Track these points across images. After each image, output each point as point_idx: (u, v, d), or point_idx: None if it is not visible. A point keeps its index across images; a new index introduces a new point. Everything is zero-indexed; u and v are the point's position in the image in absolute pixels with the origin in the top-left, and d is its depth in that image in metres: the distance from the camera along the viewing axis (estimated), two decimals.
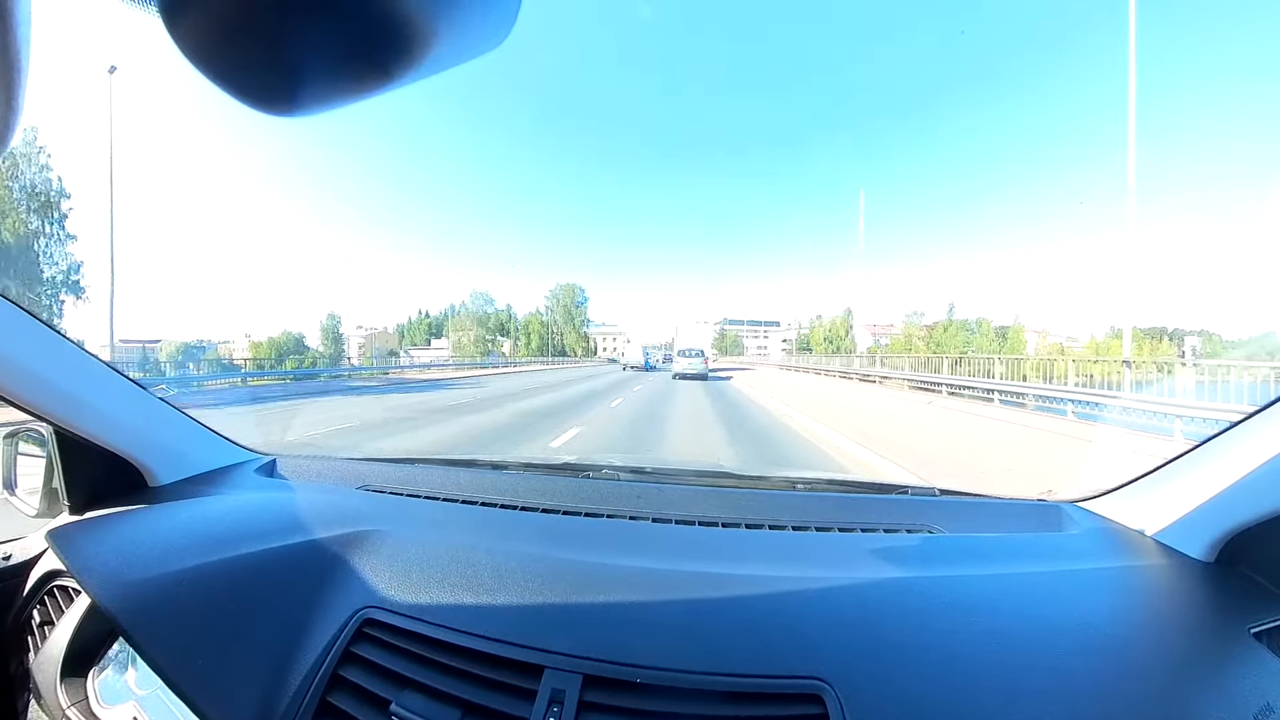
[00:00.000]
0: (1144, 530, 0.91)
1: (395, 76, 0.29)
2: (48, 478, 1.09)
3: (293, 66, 0.28)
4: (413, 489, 1.25)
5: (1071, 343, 51.31)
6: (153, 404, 1.19)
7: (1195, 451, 0.87)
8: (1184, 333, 41.81)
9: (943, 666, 0.61)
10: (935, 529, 1.02)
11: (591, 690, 0.61)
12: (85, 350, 1.03)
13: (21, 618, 1.00)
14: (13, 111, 0.29)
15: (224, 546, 0.85)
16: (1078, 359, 12.62)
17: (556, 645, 0.65)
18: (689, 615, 0.70)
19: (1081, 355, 29.02)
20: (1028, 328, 51.56)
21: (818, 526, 1.03)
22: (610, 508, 1.12)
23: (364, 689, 0.67)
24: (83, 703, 0.81)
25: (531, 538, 0.94)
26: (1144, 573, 0.81)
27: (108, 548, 0.86)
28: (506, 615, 0.71)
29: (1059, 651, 0.63)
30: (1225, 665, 0.64)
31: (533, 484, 1.29)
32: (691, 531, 1.02)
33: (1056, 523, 1.03)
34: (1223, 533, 0.79)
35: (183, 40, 0.26)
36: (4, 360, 0.88)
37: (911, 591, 0.74)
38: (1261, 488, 0.73)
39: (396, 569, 0.81)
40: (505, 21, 0.31)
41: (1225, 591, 0.76)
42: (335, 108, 0.30)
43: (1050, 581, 0.78)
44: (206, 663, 0.69)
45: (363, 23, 0.26)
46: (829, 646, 0.64)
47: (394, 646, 0.70)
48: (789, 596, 0.73)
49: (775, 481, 1.34)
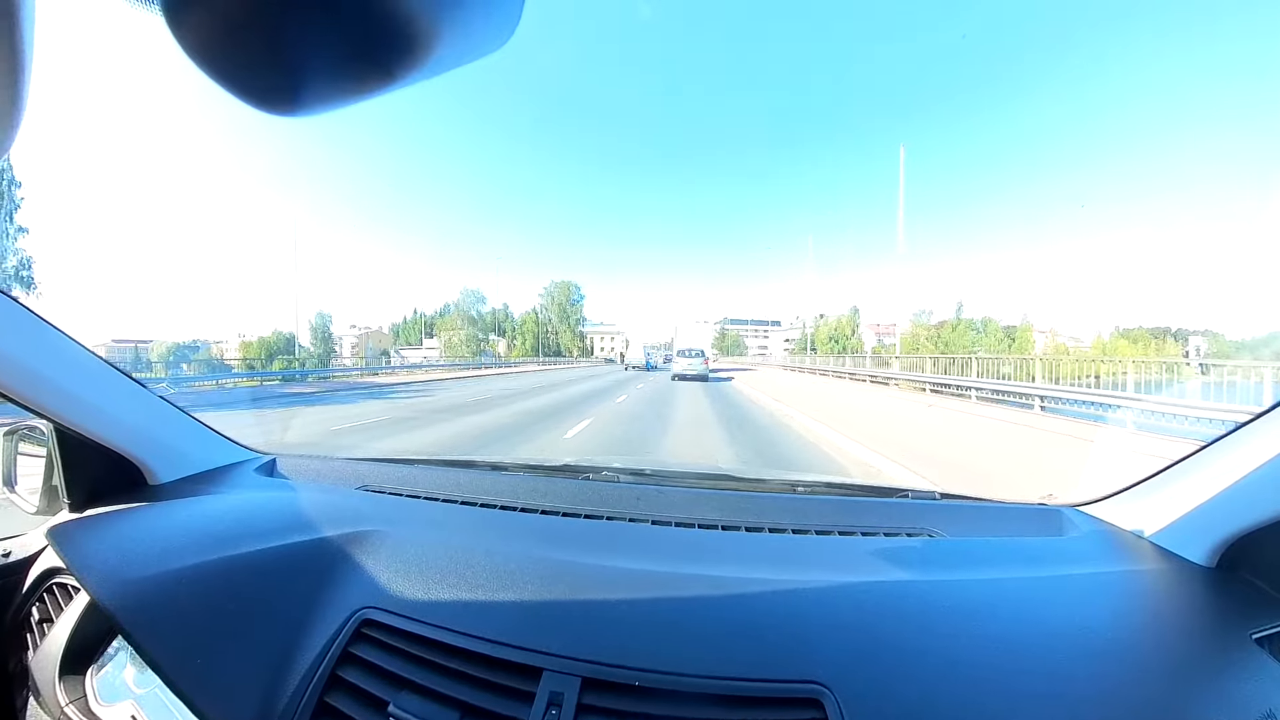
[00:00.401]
0: (1145, 534, 0.91)
1: (398, 77, 0.29)
2: (47, 475, 1.09)
3: (295, 66, 0.28)
4: (412, 489, 1.25)
5: (1075, 343, 51.01)
6: (153, 402, 1.19)
7: (1196, 455, 0.87)
8: (1188, 332, 41.46)
9: (943, 671, 0.61)
10: (935, 533, 1.02)
11: (590, 693, 0.61)
12: (86, 348, 1.03)
13: (20, 615, 1.00)
14: (16, 110, 0.29)
15: (223, 545, 0.85)
16: (1130, 360, 11.24)
17: (555, 647, 0.65)
18: (688, 618, 0.70)
19: (1128, 356, 26.88)
20: (1035, 328, 51.11)
21: (818, 529, 1.03)
22: (610, 509, 1.12)
23: (362, 689, 0.67)
24: (81, 700, 0.81)
25: (531, 539, 0.94)
26: (1145, 577, 0.81)
27: (107, 546, 0.86)
28: (505, 616, 0.71)
29: (1059, 656, 0.63)
30: (1227, 671, 0.63)
31: (532, 485, 1.29)
32: (691, 534, 1.01)
33: (1057, 527, 1.03)
34: (1224, 537, 0.78)
35: (185, 39, 0.26)
36: (4, 357, 0.88)
37: (911, 595, 0.74)
38: (1263, 492, 0.72)
39: (396, 569, 0.81)
40: (508, 23, 0.31)
41: (1227, 596, 0.76)
42: (337, 108, 0.30)
43: (1051, 586, 0.78)
44: (205, 662, 0.68)
45: (366, 24, 0.26)
46: (829, 650, 0.64)
47: (392, 647, 0.70)
48: (789, 600, 0.72)
49: (775, 484, 1.34)
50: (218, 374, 22.35)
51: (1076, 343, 51.37)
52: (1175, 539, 0.86)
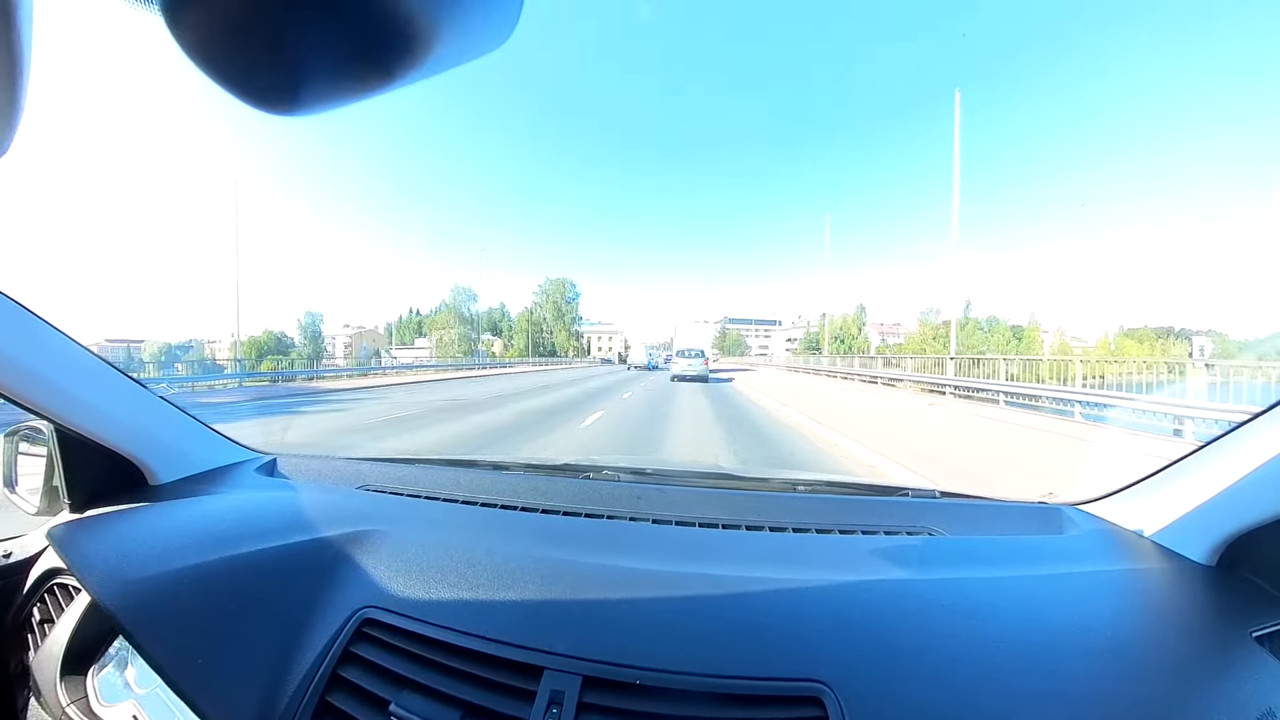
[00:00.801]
0: (1145, 533, 0.91)
1: (397, 77, 0.29)
2: (48, 475, 1.09)
3: (295, 66, 0.27)
4: (413, 489, 1.25)
5: (1079, 343, 50.66)
6: (153, 402, 1.19)
7: (1196, 454, 0.87)
8: (1191, 332, 41.02)
9: (943, 669, 0.61)
10: (936, 531, 1.02)
11: (591, 691, 0.61)
12: (85, 348, 1.03)
13: (21, 615, 1.00)
14: (15, 111, 0.29)
15: (224, 545, 0.85)
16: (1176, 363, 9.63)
17: (556, 646, 0.65)
18: (689, 617, 0.70)
19: (1137, 356, 22.65)
20: (1040, 327, 50.58)
21: (818, 528, 1.03)
22: (610, 509, 1.12)
23: (363, 689, 0.67)
24: (82, 701, 0.81)
25: (531, 538, 0.94)
26: (1145, 576, 0.81)
27: (108, 546, 0.86)
28: (506, 616, 0.71)
29: (1059, 655, 0.63)
30: (1227, 669, 0.63)
31: (533, 485, 1.29)
32: (692, 533, 1.02)
33: (1057, 525, 1.03)
34: (1224, 536, 0.78)
35: (184, 39, 0.26)
36: (4, 358, 0.88)
37: (912, 594, 0.74)
38: (1263, 491, 0.72)
39: (396, 569, 0.81)
40: (507, 22, 0.31)
41: (1227, 595, 0.76)
42: (337, 107, 0.30)
43: (1051, 584, 0.78)
44: (206, 662, 0.69)
45: (366, 23, 0.26)
46: (829, 649, 0.64)
47: (393, 646, 0.70)
48: (789, 599, 0.73)
49: (776, 483, 1.34)
50: (196, 376, 21.04)
51: (1080, 343, 51.00)
52: (1176, 537, 0.86)
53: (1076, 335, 51.05)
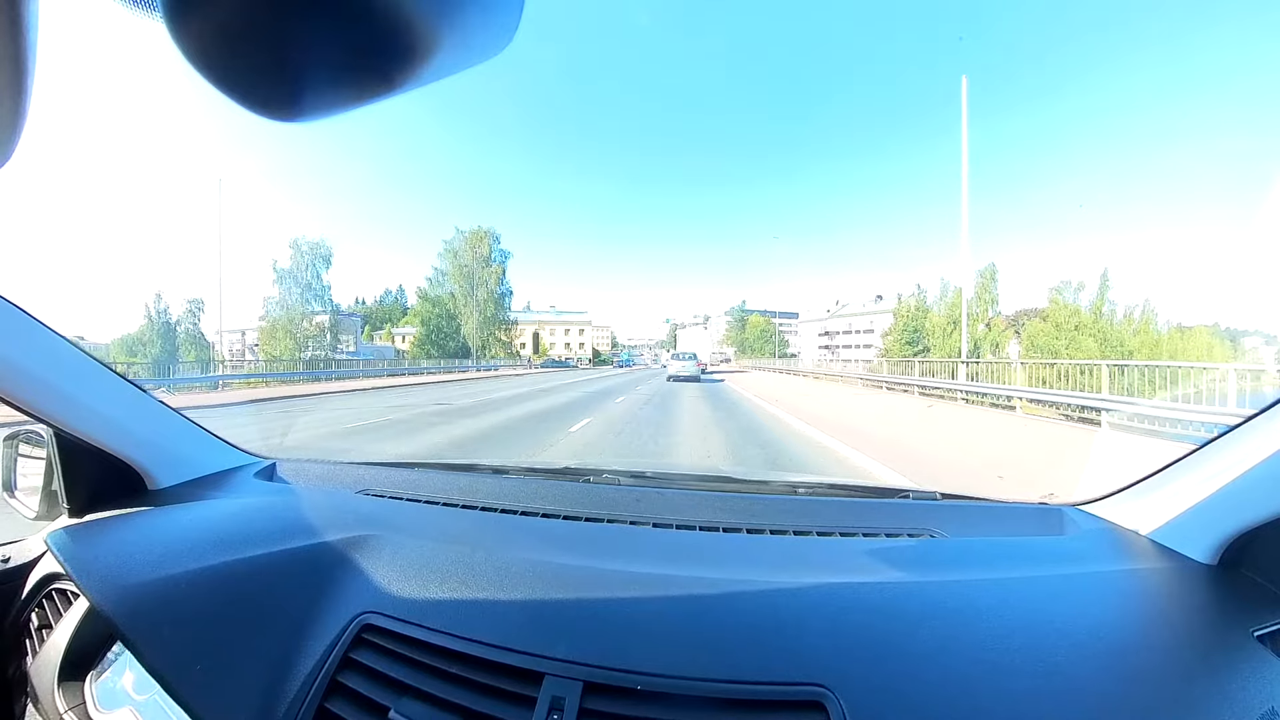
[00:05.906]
0: (1146, 532, 0.91)
1: (398, 84, 0.29)
2: (47, 480, 1.09)
3: (296, 73, 0.28)
4: (413, 493, 1.25)
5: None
6: (152, 407, 1.19)
7: (1197, 453, 0.87)
8: (1239, 332, 32.43)
9: (945, 671, 0.61)
10: (937, 533, 1.02)
11: (591, 697, 0.61)
12: (84, 352, 1.03)
13: (20, 621, 0.99)
14: (19, 117, 0.29)
15: (223, 550, 0.84)
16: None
17: (556, 651, 0.65)
18: (690, 621, 0.70)
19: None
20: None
21: (819, 531, 1.03)
22: (610, 513, 1.12)
23: (362, 695, 0.66)
24: (80, 707, 0.81)
25: (532, 543, 0.94)
26: (1146, 576, 0.81)
27: (107, 551, 0.86)
28: (506, 621, 0.71)
29: (1061, 656, 0.63)
30: (1229, 669, 0.63)
31: (533, 489, 1.29)
32: (692, 536, 1.01)
33: (1058, 526, 1.03)
34: (1225, 535, 0.78)
35: (186, 45, 0.26)
36: (3, 362, 0.88)
37: (913, 596, 0.74)
38: (1264, 489, 0.73)
39: (396, 573, 0.81)
40: (507, 29, 0.31)
41: (1228, 594, 0.76)
42: (337, 114, 0.30)
43: (1052, 585, 0.78)
44: (205, 667, 0.68)
45: (366, 30, 0.26)
46: (831, 652, 0.63)
47: (393, 652, 0.70)
48: (790, 602, 0.72)
49: (776, 486, 1.34)
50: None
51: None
52: (1176, 537, 0.86)
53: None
